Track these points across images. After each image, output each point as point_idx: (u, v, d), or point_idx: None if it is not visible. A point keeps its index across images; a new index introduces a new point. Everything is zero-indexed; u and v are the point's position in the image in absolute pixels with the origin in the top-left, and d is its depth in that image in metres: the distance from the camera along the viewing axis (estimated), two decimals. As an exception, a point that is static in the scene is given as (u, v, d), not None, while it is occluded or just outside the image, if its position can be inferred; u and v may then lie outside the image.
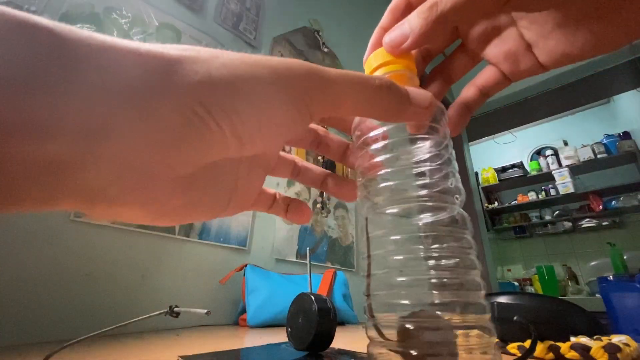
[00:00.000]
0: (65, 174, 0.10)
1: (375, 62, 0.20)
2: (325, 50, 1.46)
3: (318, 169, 0.23)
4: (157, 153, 0.11)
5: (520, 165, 3.05)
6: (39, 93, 0.09)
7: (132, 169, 0.11)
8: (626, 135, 2.57)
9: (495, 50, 0.20)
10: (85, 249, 0.62)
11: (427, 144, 0.19)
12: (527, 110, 2.53)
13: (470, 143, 2.60)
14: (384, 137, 0.19)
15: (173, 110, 0.11)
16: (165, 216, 0.15)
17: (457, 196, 0.18)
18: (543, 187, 2.89)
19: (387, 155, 0.19)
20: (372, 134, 0.19)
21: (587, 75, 2.09)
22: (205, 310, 0.36)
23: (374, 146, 0.19)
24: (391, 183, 0.18)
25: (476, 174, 3.00)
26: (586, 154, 2.66)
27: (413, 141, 0.19)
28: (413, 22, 0.18)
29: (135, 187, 0.12)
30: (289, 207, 0.23)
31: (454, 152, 0.20)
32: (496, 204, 3.15)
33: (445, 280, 0.16)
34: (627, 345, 0.32)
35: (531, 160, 3.11)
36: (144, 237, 0.71)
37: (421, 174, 0.18)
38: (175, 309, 0.36)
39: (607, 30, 0.16)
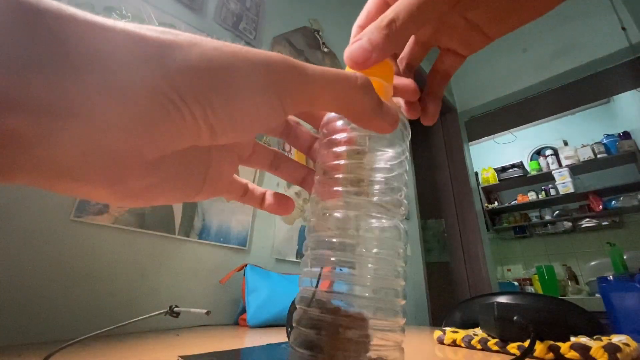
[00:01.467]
0: (24, 149, 0.10)
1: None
2: (325, 50, 1.46)
3: (300, 165, 0.23)
4: (127, 137, 0.11)
5: (520, 165, 3.05)
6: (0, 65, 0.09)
7: (99, 149, 0.11)
8: (626, 135, 2.57)
9: (447, 38, 0.22)
10: (85, 249, 0.62)
11: (386, 157, 0.20)
12: (527, 110, 2.53)
13: (470, 143, 2.60)
14: (350, 141, 0.19)
15: (147, 96, 0.11)
16: (132, 197, 0.14)
17: (402, 209, 0.19)
18: (543, 187, 2.89)
19: (349, 161, 0.19)
20: (339, 136, 0.19)
21: (587, 75, 2.09)
22: (205, 310, 0.36)
23: (338, 148, 0.19)
24: (348, 188, 0.19)
25: (476, 174, 3.00)
26: (586, 154, 2.66)
27: (375, 151, 0.20)
28: (374, 37, 0.18)
29: (101, 168, 0.12)
30: (265, 198, 0.23)
31: (407, 169, 0.21)
32: (496, 204, 3.15)
33: (368, 281, 0.17)
34: (627, 345, 0.32)
35: (531, 160, 3.11)
36: (144, 237, 0.71)
37: (375, 183, 0.19)
38: (175, 309, 0.36)
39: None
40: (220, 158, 0.18)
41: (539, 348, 0.33)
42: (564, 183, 2.70)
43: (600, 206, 2.59)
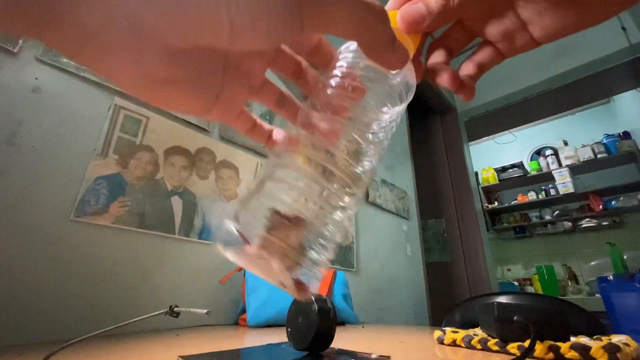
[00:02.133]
0: (56, 2, 0.11)
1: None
2: (325, 50, 1.46)
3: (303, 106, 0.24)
4: (152, 12, 0.12)
5: (520, 165, 3.05)
6: None
7: (124, 18, 0.12)
8: (626, 135, 2.57)
9: (493, 29, 0.21)
10: (85, 249, 0.62)
11: (382, 117, 0.20)
12: (527, 110, 2.53)
13: (470, 143, 2.60)
14: (353, 78, 0.19)
15: None
16: (149, 88, 0.15)
17: (370, 172, 0.19)
18: (543, 187, 2.89)
19: (354, 104, 0.19)
20: (347, 69, 0.20)
21: (587, 75, 2.09)
22: (205, 310, 0.36)
23: (343, 89, 0.19)
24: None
25: (476, 174, 3.00)
26: (586, 154, 2.66)
27: (373, 106, 0.20)
28: (432, 5, 0.19)
29: (124, 39, 0.12)
30: (273, 134, 0.23)
31: (389, 138, 0.21)
32: (496, 204, 3.15)
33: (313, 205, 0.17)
34: (627, 345, 0.32)
35: (531, 160, 3.11)
36: (144, 237, 0.71)
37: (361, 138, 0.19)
38: (175, 309, 0.36)
39: (595, 3, 0.18)
40: (233, 82, 0.19)
41: (539, 348, 0.33)
42: (564, 183, 2.71)
43: (600, 206, 2.59)
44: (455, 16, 0.19)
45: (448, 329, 0.49)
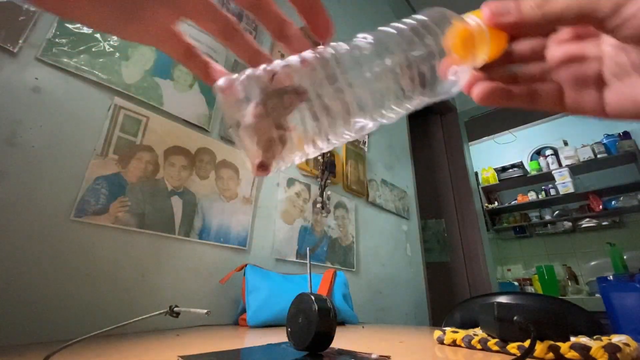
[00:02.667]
0: None
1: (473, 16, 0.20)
2: (325, 50, 1.46)
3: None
4: None
5: (520, 165, 3.05)
6: None
7: None
8: (626, 135, 2.57)
9: (567, 70, 0.20)
10: (85, 249, 0.62)
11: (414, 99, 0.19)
12: (527, 110, 2.53)
13: (470, 143, 2.60)
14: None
15: None
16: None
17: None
18: (543, 187, 2.89)
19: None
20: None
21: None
22: (205, 310, 0.36)
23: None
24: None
25: (476, 174, 3.00)
26: (586, 154, 2.66)
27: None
28: (524, 5, 0.18)
29: None
30: (211, 67, 0.21)
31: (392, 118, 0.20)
32: (496, 204, 3.15)
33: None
34: (627, 345, 0.32)
35: (531, 160, 3.11)
36: (143, 236, 0.71)
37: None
38: (175, 309, 0.36)
39: None
40: None
41: (539, 348, 0.33)
42: (564, 183, 2.70)
43: (600, 206, 2.59)
44: (548, 23, 0.18)
45: (448, 329, 0.49)
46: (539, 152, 3.11)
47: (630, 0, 0.15)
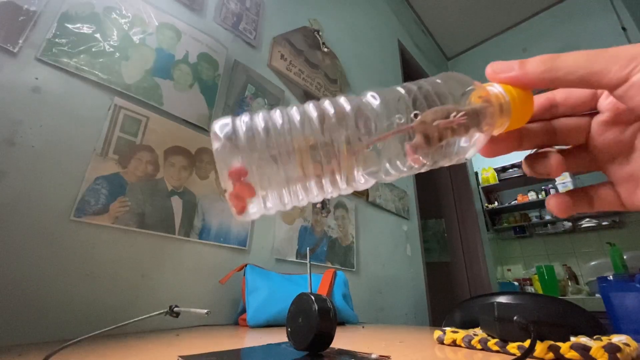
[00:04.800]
0: None
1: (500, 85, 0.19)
2: (325, 50, 1.46)
3: None
4: None
5: (520, 165, 3.05)
6: None
7: None
8: (626, 135, 2.57)
9: (618, 168, 0.19)
10: (85, 249, 0.62)
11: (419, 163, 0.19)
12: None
13: (470, 143, 2.60)
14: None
15: None
16: None
17: (364, 185, 0.19)
18: (543, 187, 2.89)
19: None
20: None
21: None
22: (205, 310, 0.36)
23: None
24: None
25: (476, 174, 3.00)
26: (586, 154, 2.66)
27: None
28: (529, 62, 0.18)
29: None
30: None
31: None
32: (496, 203, 3.15)
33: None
34: (627, 345, 0.32)
35: (531, 160, 3.10)
36: (144, 237, 0.71)
37: None
38: (175, 309, 0.36)
39: None
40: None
41: (539, 348, 0.33)
42: (564, 183, 2.70)
43: (600, 206, 2.58)
44: (552, 82, 0.17)
45: (448, 329, 0.49)
46: (539, 152, 3.10)
47: None
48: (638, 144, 0.17)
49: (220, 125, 0.17)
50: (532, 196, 2.92)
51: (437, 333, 0.48)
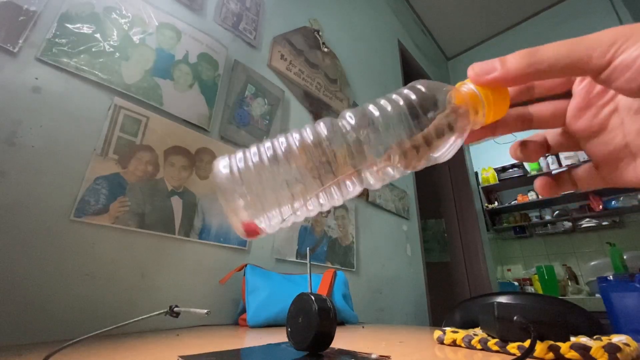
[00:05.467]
0: None
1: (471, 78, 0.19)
2: (325, 50, 1.46)
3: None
4: None
5: (520, 165, 3.05)
6: None
7: None
8: (626, 135, 2.57)
9: (597, 149, 0.19)
10: (85, 249, 0.62)
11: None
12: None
13: (470, 143, 2.60)
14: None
15: None
16: None
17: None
18: (543, 187, 2.89)
19: None
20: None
21: (587, 75, 2.09)
22: (205, 310, 0.36)
23: None
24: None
25: (476, 174, 3.00)
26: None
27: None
28: (509, 60, 0.18)
29: None
30: None
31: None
32: (496, 204, 3.14)
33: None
34: (627, 345, 0.32)
35: (531, 160, 3.10)
36: (143, 237, 0.71)
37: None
38: (175, 309, 0.36)
39: None
40: None
41: (539, 348, 0.33)
42: (559, 180, 2.70)
43: (600, 206, 2.58)
44: (538, 74, 0.17)
45: (448, 329, 0.49)
46: (539, 152, 3.10)
47: (629, 47, 0.14)
48: (613, 124, 0.18)
49: (221, 166, 0.20)
50: (532, 196, 2.92)
51: (437, 333, 0.48)
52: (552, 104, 0.21)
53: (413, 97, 0.18)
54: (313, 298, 0.33)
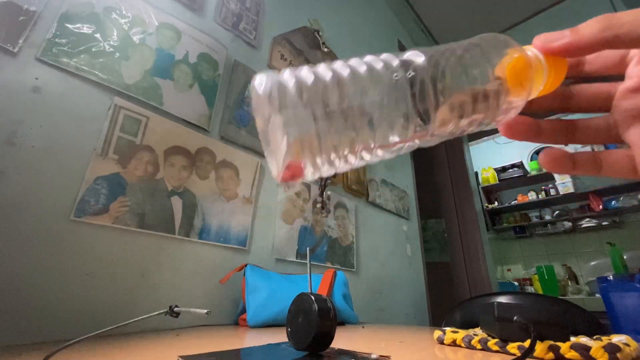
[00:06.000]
0: None
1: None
2: (325, 50, 1.46)
3: None
4: None
5: (520, 165, 3.05)
6: None
7: None
8: (626, 135, 2.57)
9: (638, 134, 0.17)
10: (85, 249, 0.62)
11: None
12: (527, 109, 2.53)
13: (470, 143, 2.60)
14: None
15: None
16: None
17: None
18: (543, 187, 2.89)
19: None
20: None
21: (587, 75, 2.09)
22: (205, 310, 0.36)
23: None
24: None
25: (476, 174, 3.00)
26: (586, 154, 2.66)
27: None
28: (582, 26, 0.16)
29: None
30: None
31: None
32: (496, 204, 3.15)
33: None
34: (627, 345, 0.32)
35: (531, 160, 3.11)
36: (143, 237, 0.71)
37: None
38: (175, 309, 0.36)
39: None
40: None
41: (539, 348, 0.33)
42: (564, 183, 2.71)
43: (600, 206, 2.59)
44: (607, 45, 0.15)
45: (448, 329, 0.49)
46: (539, 152, 3.10)
47: None
48: None
49: (289, 84, 0.15)
50: (532, 196, 2.93)
51: (437, 333, 0.48)
52: (599, 87, 0.20)
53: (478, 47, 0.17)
54: (313, 298, 0.33)
